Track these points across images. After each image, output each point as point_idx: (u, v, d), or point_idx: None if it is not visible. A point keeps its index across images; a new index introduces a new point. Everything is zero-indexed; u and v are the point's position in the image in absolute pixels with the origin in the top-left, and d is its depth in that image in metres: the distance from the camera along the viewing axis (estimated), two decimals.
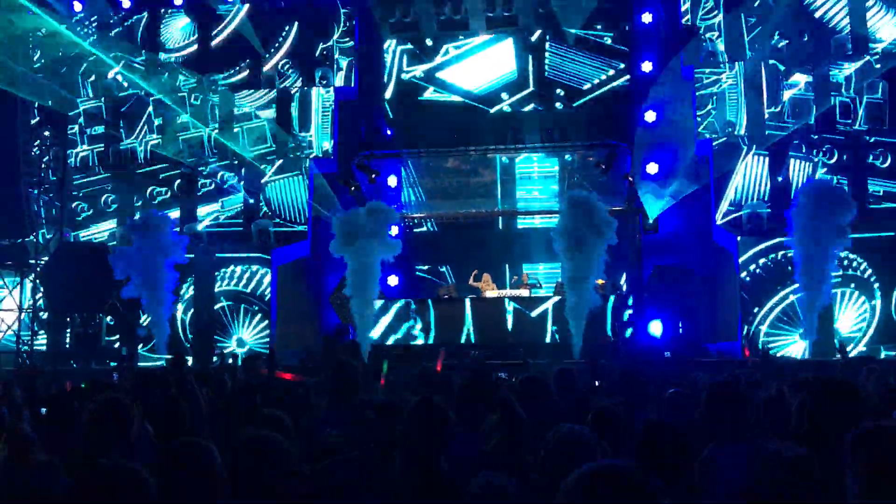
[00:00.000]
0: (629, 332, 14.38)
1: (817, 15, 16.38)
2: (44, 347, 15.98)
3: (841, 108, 16.10)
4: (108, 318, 15.47)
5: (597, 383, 7.16)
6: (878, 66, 16.02)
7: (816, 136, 16.02)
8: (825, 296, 12.96)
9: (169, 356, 11.63)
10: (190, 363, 14.87)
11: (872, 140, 15.90)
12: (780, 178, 16.03)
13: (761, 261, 15.12)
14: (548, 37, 17.27)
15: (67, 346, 15.65)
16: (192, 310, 15.59)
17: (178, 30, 17.99)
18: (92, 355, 14.92)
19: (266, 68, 17.73)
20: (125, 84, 17.67)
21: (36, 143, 17.62)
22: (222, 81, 17.68)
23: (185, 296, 15.66)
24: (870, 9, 16.26)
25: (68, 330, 15.67)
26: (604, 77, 17.18)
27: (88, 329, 15.28)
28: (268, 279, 15.74)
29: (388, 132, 17.54)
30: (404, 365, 8.59)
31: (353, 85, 17.44)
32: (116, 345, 15.45)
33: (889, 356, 14.03)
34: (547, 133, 16.94)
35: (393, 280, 16.94)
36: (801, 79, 16.29)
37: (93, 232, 17.21)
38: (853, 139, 15.96)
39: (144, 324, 14.57)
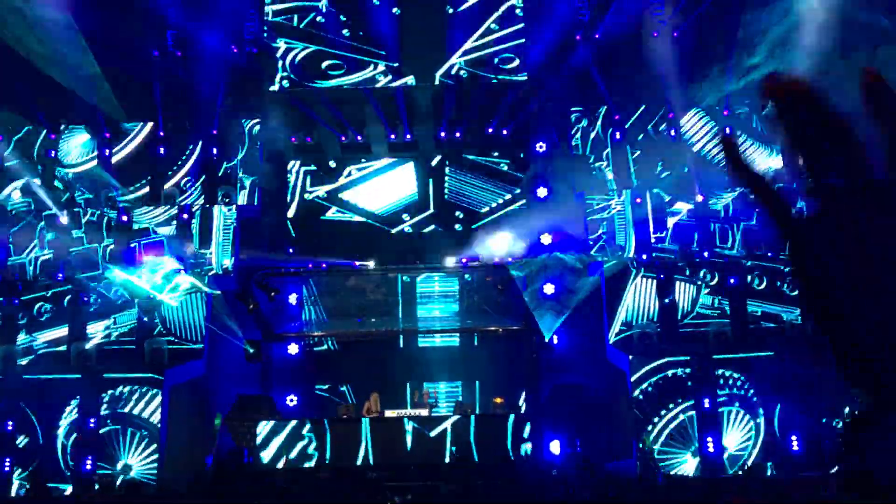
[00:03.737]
0: (527, 451, 14.41)
1: (696, 149, 17.71)
2: None
3: (720, 234, 17.23)
4: None
5: None
6: (752, 196, 17.27)
7: (699, 260, 17.02)
8: None
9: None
10: (69, 492, 14.09)
11: (749, 263, 16.97)
12: (667, 300, 16.83)
13: (652, 379, 15.67)
14: (447, 162, 17.98)
15: None
16: (75, 434, 14.83)
17: (77, 146, 17.86)
18: None
19: (168, 185, 17.71)
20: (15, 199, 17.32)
21: None
22: (121, 197, 17.51)
23: (67, 418, 14.94)
24: (741, 144, 17.68)
25: None
26: (501, 201, 17.89)
27: None
28: (158, 400, 15.19)
29: (290, 250, 17.62)
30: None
31: (255, 203, 17.59)
32: None
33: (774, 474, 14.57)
34: (446, 254, 17.39)
35: (291, 400, 16.65)
36: (683, 206, 17.42)
37: None
38: (733, 263, 16.99)
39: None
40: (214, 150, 17.82)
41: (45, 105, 17.30)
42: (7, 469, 14.44)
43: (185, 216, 17.25)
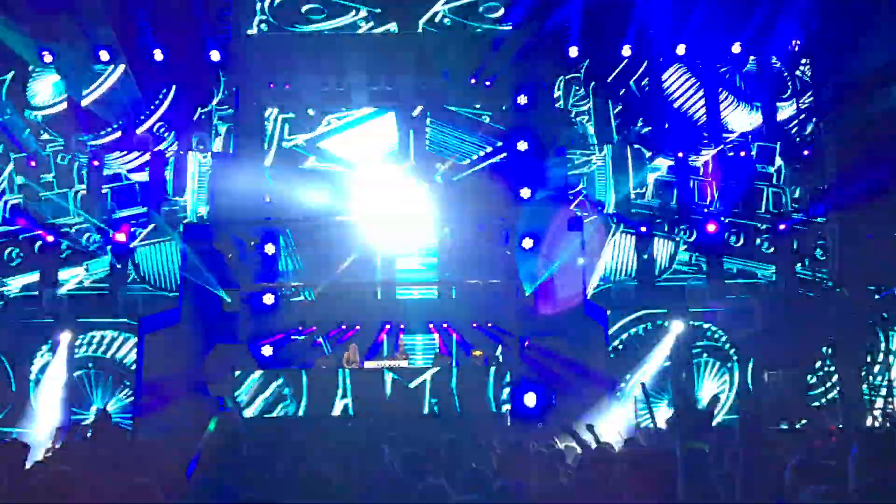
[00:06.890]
0: (506, 406, 14.49)
1: (676, 105, 17.67)
2: None
3: (699, 191, 17.30)
4: None
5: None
6: (731, 153, 17.38)
7: (678, 217, 17.09)
8: None
9: None
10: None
11: (727, 221, 17.10)
12: (645, 256, 16.93)
13: (629, 331, 15.90)
14: (429, 112, 17.72)
15: None
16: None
17: (47, 87, 17.24)
18: None
19: (140, 130, 17.22)
20: None
21: None
22: (92, 142, 17.01)
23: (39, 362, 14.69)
24: (723, 101, 17.70)
25: None
26: (482, 153, 17.73)
27: None
28: (134, 348, 14.98)
29: (268, 199, 17.30)
30: None
31: (231, 151, 17.20)
32: None
33: None
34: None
35: (267, 350, 16.49)
36: (663, 163, 17.43)
37: None
38: (710, 220, 17.06)
39: None
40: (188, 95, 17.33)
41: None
42: None
43: None
